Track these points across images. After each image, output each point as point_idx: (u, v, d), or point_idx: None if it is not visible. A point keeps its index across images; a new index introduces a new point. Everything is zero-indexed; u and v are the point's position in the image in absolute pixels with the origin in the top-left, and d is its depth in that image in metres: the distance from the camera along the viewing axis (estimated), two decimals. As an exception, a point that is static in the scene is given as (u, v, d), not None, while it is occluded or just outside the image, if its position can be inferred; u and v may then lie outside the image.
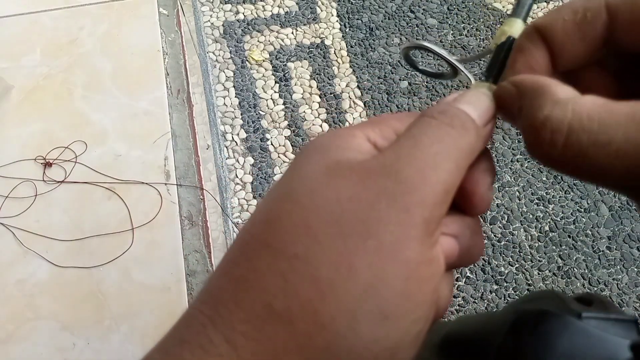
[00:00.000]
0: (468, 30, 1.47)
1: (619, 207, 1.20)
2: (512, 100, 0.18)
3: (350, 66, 1.41)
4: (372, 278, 0.15)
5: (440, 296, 0.18)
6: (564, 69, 0.19)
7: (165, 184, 1.12)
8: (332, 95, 1.36)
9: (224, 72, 1.39)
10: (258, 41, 1.44)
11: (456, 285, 1.10)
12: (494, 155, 1.26)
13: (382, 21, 1.48)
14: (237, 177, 1.24)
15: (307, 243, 0.16)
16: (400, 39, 1.45)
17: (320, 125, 1.31)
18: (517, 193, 1.22)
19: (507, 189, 1.22)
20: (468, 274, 1.12)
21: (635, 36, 0.17)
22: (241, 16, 1.48)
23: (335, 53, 1.43)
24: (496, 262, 1.13)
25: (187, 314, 0.17)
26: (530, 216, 1.19)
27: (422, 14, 1.50)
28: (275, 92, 1.36)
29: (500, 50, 0.21)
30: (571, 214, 1.19)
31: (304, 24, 1.47)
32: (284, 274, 0.15)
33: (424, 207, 0.16)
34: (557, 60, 0.19)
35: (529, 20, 0.21)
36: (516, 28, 0.21)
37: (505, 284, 1.11)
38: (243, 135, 1.30)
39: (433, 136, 0.17)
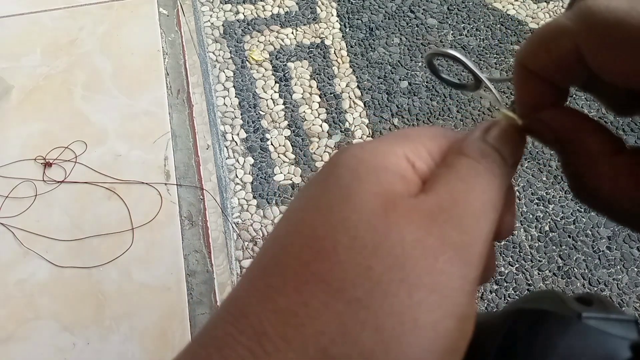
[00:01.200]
0: (468, 30, 1.47)
1: (619, 207, 1.20)
2: (550, 140, 0.19)
3: (350, 66, 1.41)
4: (434, 336, 0.14)
5: None
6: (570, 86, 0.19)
7: (165, 184, 1.12)
8: (332, 95, 1.36)
9: (224, 72, 1.39)
10: (258, 41, 1.44)
11: (456, 285, 1.10)
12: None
13: (382, 21, 1.48)
14: (237, 177, 1.24)
15: (369, 287, 0.14)
16: (400, 39, 1.45)
17: (320, 125, 1.31)
18: (517, 193, 1.22)
19: (507, 189, 1.22)
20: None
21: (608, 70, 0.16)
22: (241, 16, 1.48)
23: (335, 53, 1.43)
24: (496, 262, 1.13)
25: (218, 337, 0.15)
26: (530, 216, 1.19)
27: (422, 14, 1.50)
28: (275, 92, 1.36)
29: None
30: (571, 214, 1.19)
31: (304, 24, 1.47)
32: (342, 318, 0.14)
33: (480, 259, 0.16)
34: (556, 86, 0.19)
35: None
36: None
37: (505, 284, 1.11)
38: (243, 135, 1.30)
39: (483, 183, 0.17)
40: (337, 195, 0.17)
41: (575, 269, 1.13)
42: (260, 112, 1.33)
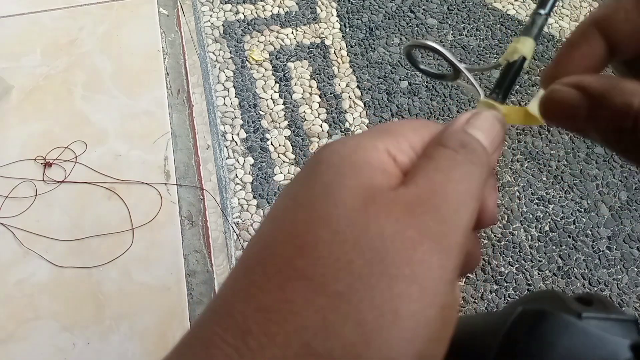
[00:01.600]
0: (468, 30, 1.47)
1: (619, 207, 1.20)
2: (577, 105, 0.18)
3: (350, 66, 1.41)
4: (415, 326, 0.15)
5: None
6: (621, 59, 0.19)
7: (165, 184, 1.12)
8: (332, 95, 1.36)
9: (224, 72, 1.39)
10: (258, 41, 1.44)
11: (456, 285, 1.10)
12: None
13: (382, 21, 1.48)
14: (237, 177, 1.24)
15: (350, 281, 0.15)
16: (400, 39, 1.45)
17: (320, 125, 1.31)
18: (517, 193, 1.22)
19: (507, 189, 1.22)
20: (468, 274, 1.11)
21: None
22: (241, 16, 1.48)
23: (335, 53, 1.43)
24: (496, 262, 1.13)
25: (204, 337, 0.15)
26: (530, 216, 1.19)
27: (422, 14, 1.50)
28: (275, 92, 1.36)
29: (510, 68, 0.21)
30: (571, 214, 1.19)
31: (304, 24, 1.47)
32: (324, 312, 0.14)
33: (460, 248, 0.16)
34: (616, 52, 0.18)
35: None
36: (528, 47, 0.21)
37: (505, 284, 1.11)
38: (243, 135, 1.30)
39: (461, 173, 0.17)
40: (319, 191, 0.17)
41: (575, 269, 1.13)
42: (260, 112, 1.33)
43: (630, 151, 0.18)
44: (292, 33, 1.46)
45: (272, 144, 1.29)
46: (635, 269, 1.13)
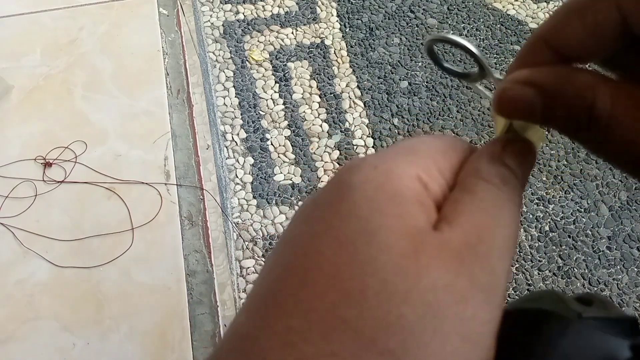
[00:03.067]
0: (468, 30, 1.47)
1: (619, 207, 1.20)
2: (531, 102, 0.17)
3: (350, 66, 1.41)
4: None
5: None
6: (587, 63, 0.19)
7: (165, 184, 1.12)
8: (332, 95, 1.36)
9: (224, 72, 1.39)
10: (258, 41, 1.44)
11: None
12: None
13: (382, 21, 1.48)
14: (237, 177, 1.24)
15: (402, 337, 0.14)
16: (400, 39, 1.45)
17: (320, 125, 1.31)
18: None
19: (507, 189, 1.22)
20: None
21: None
22: (241, 16, 1.48)
23: (335, 53, 1.43)
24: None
25: None
26: (530, 216, 1.19)
27: (422, 14, 1.50)
28: (275, 92, 1.36)
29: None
30: (571, 214, 1.19)
31: (304, 24, 1.47)
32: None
33: (504, 298, 0.15)
34: (572, 60, 0.18)
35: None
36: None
37: (505, 284, 1.11)
38: (243, 135, 1.30)
39: (507, 215, 0.17)
40: (359, 229, 0.15)
41: (575, 269, 1.13)
42: (260, 112, 1.33)
43: (590, 142, 0.17)
44: (292, 33, 1.46)
45: (272, 144, 1.29)
46: (635, 269, 1.13)
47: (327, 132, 1.31)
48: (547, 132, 1.30)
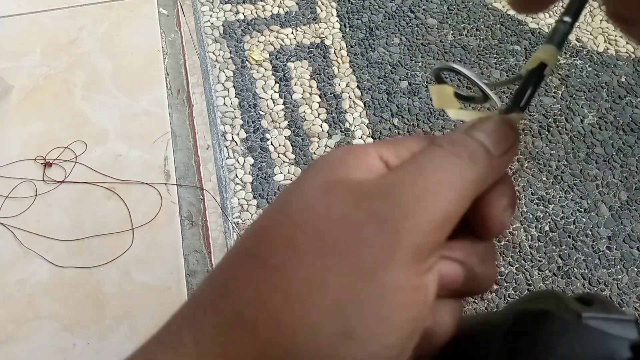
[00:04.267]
0: (468, 30, 1.47)
1: (619, 207, 1.20)
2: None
3: (350, 66, 1.41)
4: (342, 296, 0.15)
5: (437, 322, 0.17)
6: None
7: (165, 184, 1.12)
8: (332, 95, 1.36)
9: (224, 72, 1.39)
10: (258, 41, 1.44)
11: (456, 285, 1.10)
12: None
13: (382, 21, 1.48)
14: (237, 177, 1.24)
15: (287, 256, 0.16)
16: (400, 39, 1.45)
17: (320, 125, 1.31)
18: (517, 193, 1.22)
19: (507, 189, 1.22)
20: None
21: None
22: (241, 16, 1.48)
23: (335, 53, 1.43)
24: (496, 263, 1.13)
25: (172, 315, 0.18)
26: (530, 216, 1.19)
27: (422, 14, 1.50)
28: (275, 92, 1.36)
29: (531, 77, 0.20)
30: (571, 214, 1.19)
31: (304, 24, 1.47)
32: (258, 284, 0.16)
33: (416, 233, 0.15)
34: None
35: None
36: (549, 54, 0.20)
37: (505, 284, 1.11)
38: (243, 135, 1.30)
39: (438, 164, 0.17)
40: (290, 188, 0.18)
41: (575, 269, 1.13)
42: (260, 112, 1.33)
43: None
44: (292, 33, 1.46)
45: (272, 144, 1.29)
46: (635, 269, 1.13)
47: (327, 132, 1.31)
48: (547, 133, 1.30)
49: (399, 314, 0.15)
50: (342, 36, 1.46)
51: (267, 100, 1.35)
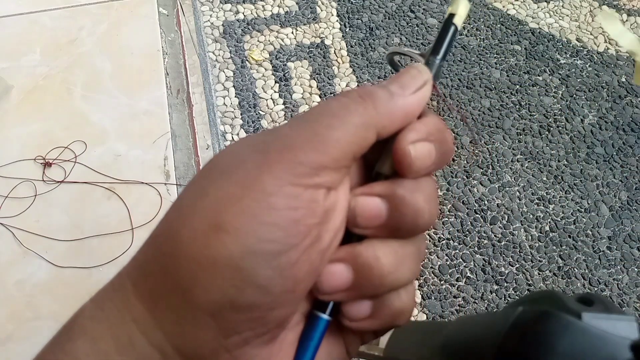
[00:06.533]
0: (468, 30, 1.47)
1: (619, 207, 1.20)
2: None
3: (350, 66, 1.41)
4: (217, 199, 0.17)
5: (366, 258, 0.19)
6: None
7: (165, 184, 1.12)
8: (332, 95, 1.36)
9: (223, 72, 1.39)
10: (258, 41, 1.44)
11: (456, 286, 1.10)
12: (494, 155, 1.26)
13: (382, 21, 1.48)
14: (237, 177, 1.24)
15: (189, 185, 0.19)
16: (400, 38, 1.45)
17: (320, 125, 1.31)
18: (517, 193, 1.22)
19: (507, 189, 1.22)
20: (468, 274, 1.11)
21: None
22: (241, 16, 1.48)
23: (335, 53, 1.43)
24: (496, 263, 1.13)
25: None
26: (531, 216, 1.19)
27: (422, 13, 1.50)
28: (275, 92, 1.36)
29: (445, 27, 0.23)
30: (571, 214, 1.19)
31: (304, 24, 1.47)
32: (167, 215, 0.19)
33: (291, 151, 0.18)
34: None
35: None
36: (457, 6, 0.23)
37: (505, 284, 1.11)
38: (243, 135, 1.30)
39: (330, 103, 0.19)
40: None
41: (575, 269, 1.13)
42: (260, 112, 1.33)
43: None
44: (292, 33, 1.46)
45: (272, 144, 1.29)
46: (636, 269, 1.13)
47: (327, 132, 1.31)
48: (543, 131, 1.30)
49: (270, 212, 0.17)
50: (342, 36, 1.46)
51: (267, 100, 1.35)
